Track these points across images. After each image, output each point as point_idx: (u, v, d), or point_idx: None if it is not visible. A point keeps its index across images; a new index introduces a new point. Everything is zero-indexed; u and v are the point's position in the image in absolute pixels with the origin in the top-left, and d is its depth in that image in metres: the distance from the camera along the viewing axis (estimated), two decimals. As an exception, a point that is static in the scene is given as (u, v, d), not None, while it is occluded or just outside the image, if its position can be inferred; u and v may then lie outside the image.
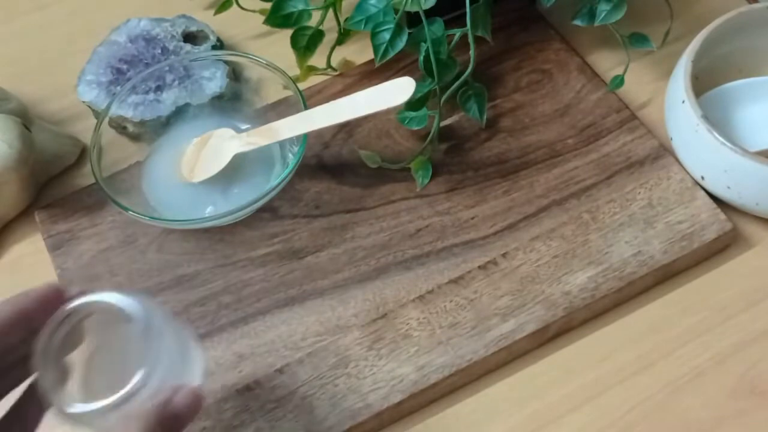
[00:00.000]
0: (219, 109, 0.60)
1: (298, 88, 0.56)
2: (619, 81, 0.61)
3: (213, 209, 0.56)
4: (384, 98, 0.53)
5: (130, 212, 0.52)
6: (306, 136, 0.54)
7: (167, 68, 0.60)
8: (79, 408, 0.38)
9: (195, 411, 0.40)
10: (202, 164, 0.57)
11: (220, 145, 0.57)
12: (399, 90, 0.53)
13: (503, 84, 0.63)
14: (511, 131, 0.60)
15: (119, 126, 0.60)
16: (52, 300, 0.40)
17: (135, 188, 0.57)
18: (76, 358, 0.41)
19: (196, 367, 0.43)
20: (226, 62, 0.61)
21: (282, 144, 0.58)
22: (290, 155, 0.57)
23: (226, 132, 0.58)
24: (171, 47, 0.63)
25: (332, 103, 0.55)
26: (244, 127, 0.59)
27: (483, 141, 0.60)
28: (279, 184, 0.53)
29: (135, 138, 0.60)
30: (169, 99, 0.60)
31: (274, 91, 0.58)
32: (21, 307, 0.39)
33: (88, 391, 0.41)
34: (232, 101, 0.61)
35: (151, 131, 0.59)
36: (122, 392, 0.37)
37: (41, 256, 0.57)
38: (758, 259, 0.55)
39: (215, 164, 0.57)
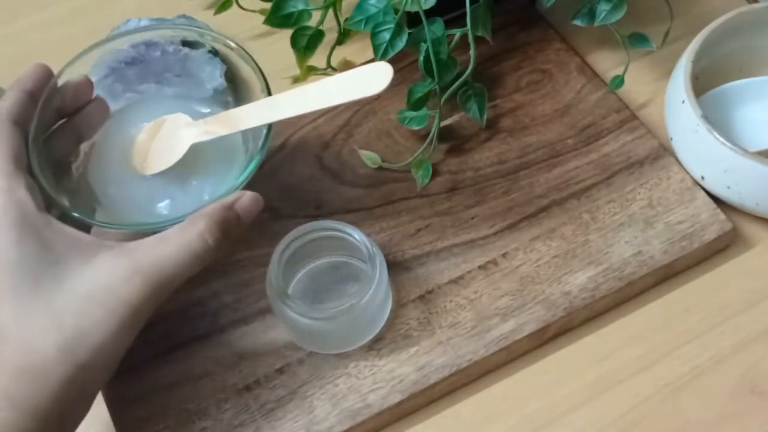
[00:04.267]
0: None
1: (258, 67, 0.51)
2: (619, 81, 0.61)
3: (170, 203, 0.50)
4: (360, 86, 0.47)
5: (74, 214, 0.46)
6: (271, 126, 0.49)
7: (165, 67, 0.60)
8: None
9: (254, 214, 0.46)
10: (155, 154, 0.51)
11: (175, 132, 0.51)
12: (376, 76, 0.47)
13: (503, 84, 0.63)
14: (511, 131, 0.60)
15: None
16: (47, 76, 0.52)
17: (82, 182, 0.51)
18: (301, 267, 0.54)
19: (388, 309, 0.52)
20: (223, 61, 0.61)
21: (244, 132, 0.51)
22: (251, 142, 0.51)
23: (180, 118, 0.51)
24: (170, 49, 0.63)
25: (300, 89, 0.49)
26: (203, 110, 0.53)
27: (483, 141, 0.60)
28: (243, 180, 0.48)
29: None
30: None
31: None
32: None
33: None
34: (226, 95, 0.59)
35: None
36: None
37: (41, 256, 0.57)
38: (758, 259, 0.55)
39: (171, 155, 0.50)
